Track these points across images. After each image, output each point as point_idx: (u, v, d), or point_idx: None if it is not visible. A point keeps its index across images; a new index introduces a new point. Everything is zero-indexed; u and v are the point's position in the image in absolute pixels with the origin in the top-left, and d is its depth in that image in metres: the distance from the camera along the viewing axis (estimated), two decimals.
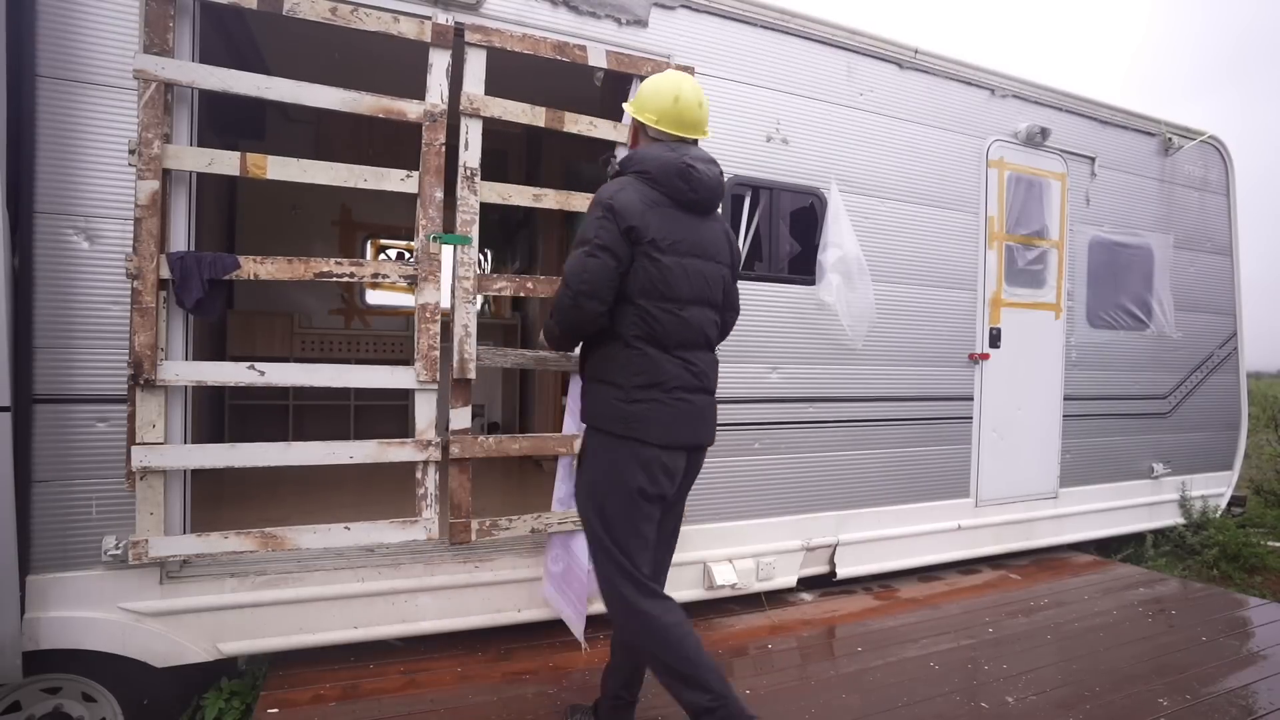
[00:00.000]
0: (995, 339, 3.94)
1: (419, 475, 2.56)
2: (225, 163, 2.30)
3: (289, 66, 2.85)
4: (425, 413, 2.55)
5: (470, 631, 2.77)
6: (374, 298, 6.11)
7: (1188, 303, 4.71)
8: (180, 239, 2.31)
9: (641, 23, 2.92)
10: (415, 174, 2.50)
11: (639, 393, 1.92)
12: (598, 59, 2.78)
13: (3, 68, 1.99)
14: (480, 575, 2.74)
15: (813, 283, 3.33)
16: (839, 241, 3.31)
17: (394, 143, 4.93)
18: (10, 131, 2.03)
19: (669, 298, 1.95)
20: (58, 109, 2.16)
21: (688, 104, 2.04)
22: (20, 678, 2.14)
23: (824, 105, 3.39)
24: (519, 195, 2.73)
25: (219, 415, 4.98)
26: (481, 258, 5.98)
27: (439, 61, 2.53)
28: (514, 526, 2.66)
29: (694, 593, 3.12)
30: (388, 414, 5.51)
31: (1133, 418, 4.52)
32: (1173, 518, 4.74)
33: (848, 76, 3.46)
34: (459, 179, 2.58)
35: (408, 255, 4.79)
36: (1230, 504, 5.04)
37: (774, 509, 3.30)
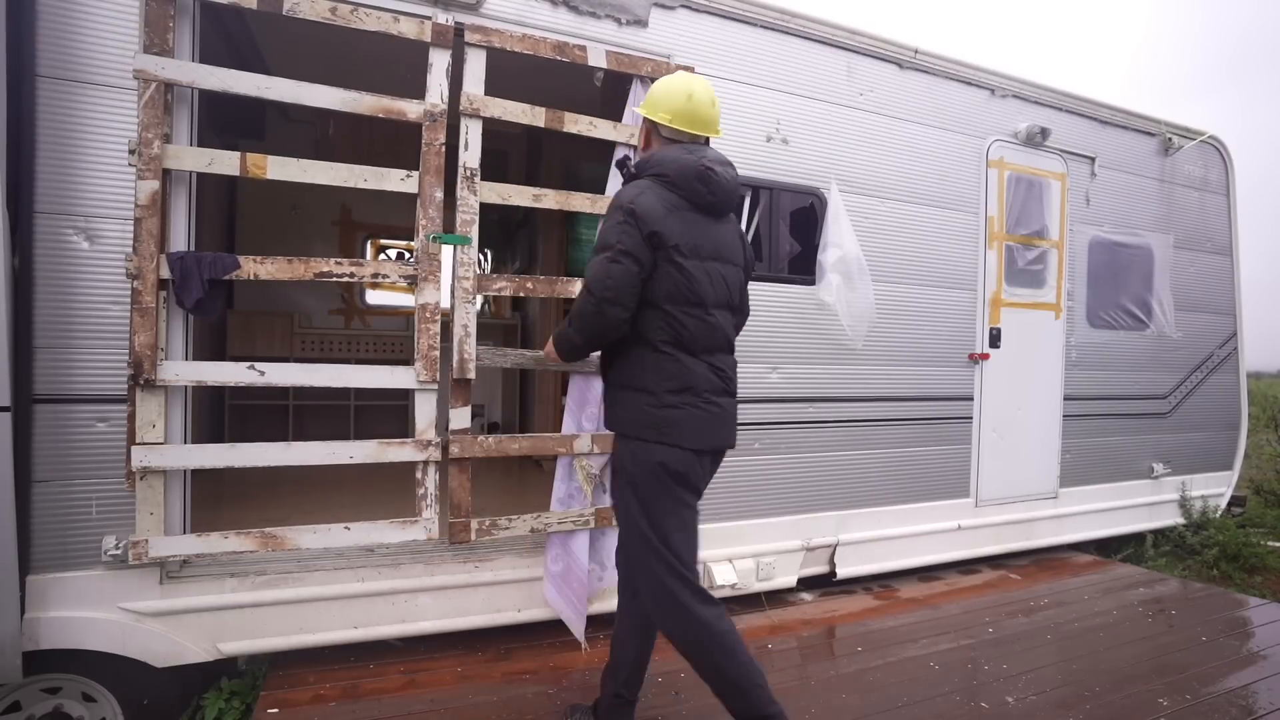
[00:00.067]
0: (995, 339, 3.94)
1: (419, 475, 2.56)
2: (225, 163, 2.30)
3: (289, 66, 2.85)
4: (425, 413, 2.56)
5: (470, 631, 2.77)
6: (374, 298, 6.11)
7: (1188, 303, 4.71)
8: (180, 239, 2.31)
9: (641, 23, 2.92)
10: (415, 174, 2.50)
11: (671, 397, 1.91)
12: (598, 59, 2.78)
13: (3, 68, 1.99)
14: (480, 575, 2.74)
15: (813, 283, 3.33)
16: (839, 241, 3.31)
17: (394, 141, 4.94)
18: (10, 131, 2.03)
19: (695, 302, 1.94)
20: (58, 109, 2.16)
21: (701, 102, 2.04)
22: (20, 678, 2.14)
23: (824, 105, 3.39)
24: (519, 195, 2.73)
25: (219, 415, 4.98)
26: (481, 258, 6.00)
27: (439, 61, 2.53)
28: (514, 526, 2.66)
29: None
30: (388, 414, 5.51)
31: (1133, 418, 4.53)
32: (1173, 518, 4.74)
33: (848, 76, 3.46)
34: (459, 179, 2.58)
35: (408, 255, 4.79)
36: (1230, 504, 5.04)
37: (774, 509, 3.30)
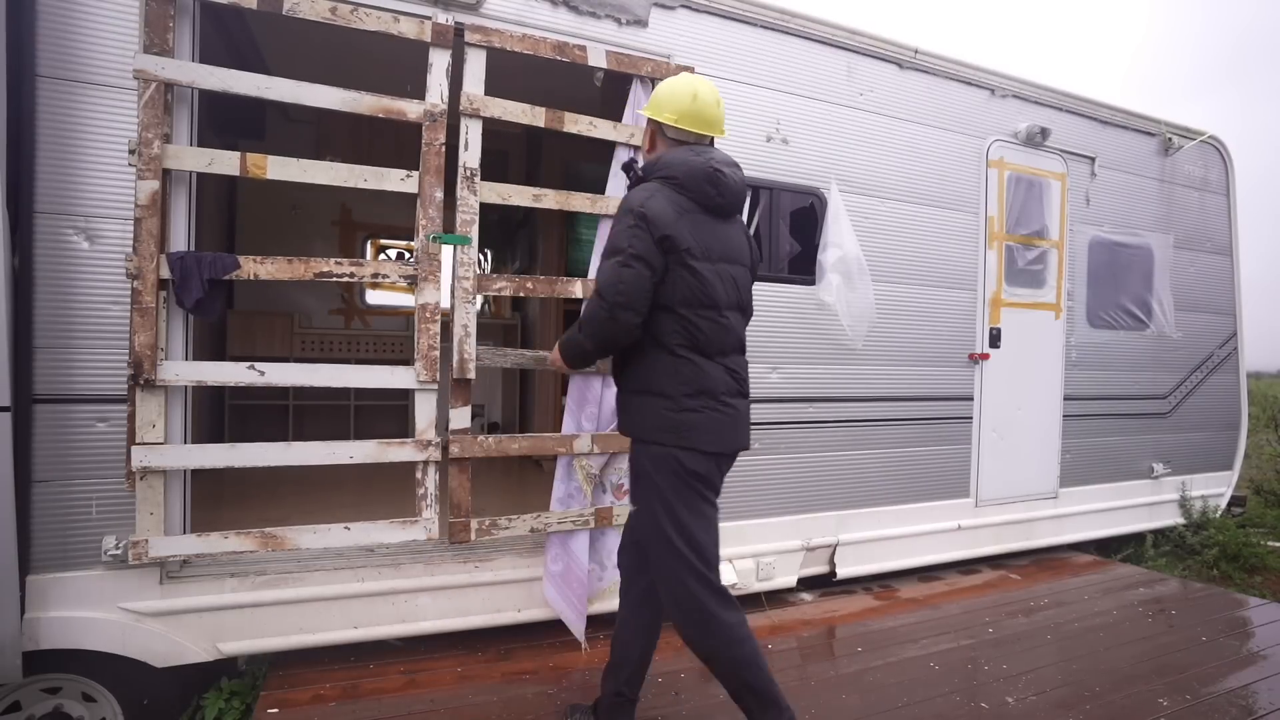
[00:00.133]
0: (995, 339, 3.94)
1: (419, 475, 2.56)
2: (225, 163, 2.30)
3: (289, 66, 2.85)
4: (425, 413, 2.56)
5: (470, 631, 2.77)
6: (374, 298, 6.10)
7: (1188, 303, 4.71)
8: (180, 239, 2.31)
9: (641, 23, 2.92)
10: (415, 174, 2.50)
11: (689, 401, 1.90)
12: (598, 59, 2.78)
13: (3, 68, 1.99)
14: (480, 575, 2.74)
15: (813, 283, 3.33)
16: (839, 241, 3.31)
17: (393, 142, 4.94)
18: (10, 131, 2.03)
19: (709, 305, 1.93)
20: (58, 109, 2.16)
21: (706, 102, 2.04)
22: (20, 678, 2.14)
23: (824, 105, 3.39)
24: (519, 195, 2.73)
25: (219, 415, 4.98)
26: (481, 258, 6.00)
27: (439, 61, 2.53)
28: (514, 526, 2.66)
29: None
30: (388, 414, 5.51)
31: (1133, 418, 4.53)
32: (1173, 518, 4.74)
33: (848, 76, 3.46)
34: (459, 179, 2.58)
35: (408, 255, 4.79)
36: (1230, 504, 5.04)
37: (774, 509, 3.30)
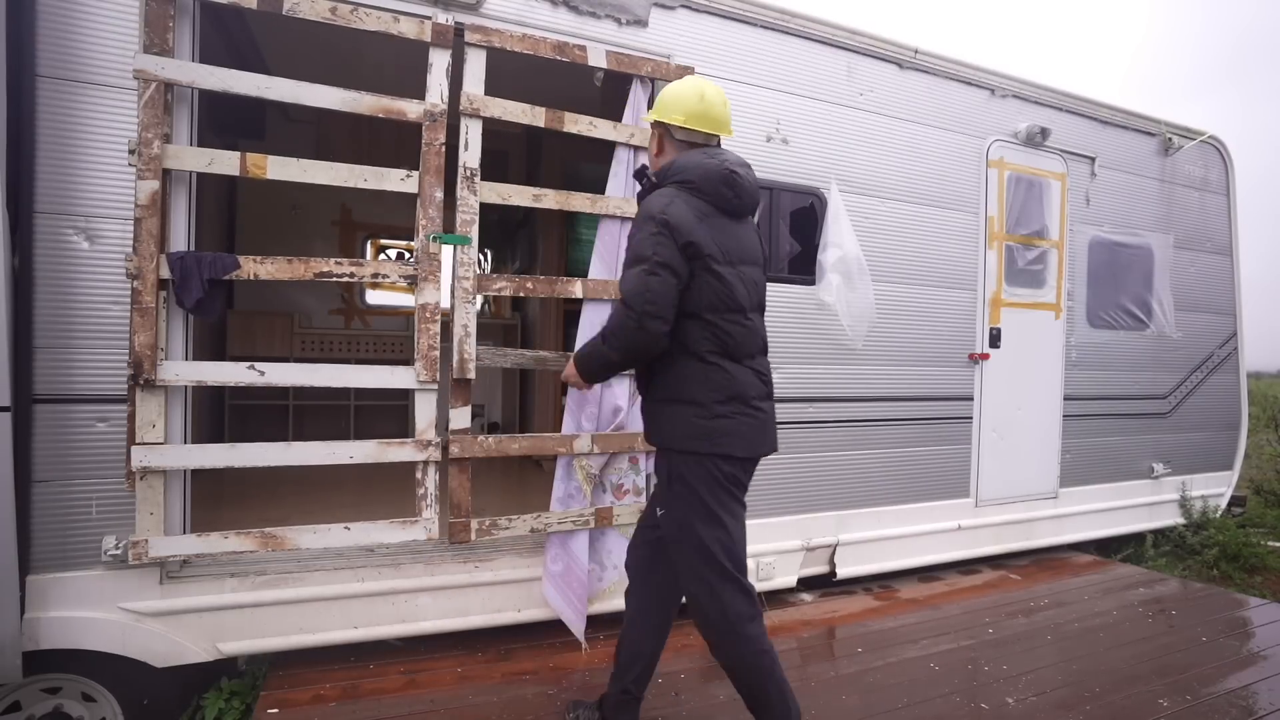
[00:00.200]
0: (995, 339, 3.94)
1: (419, 475, 2.56)
2: (225, 163, 2.30)
3: (289, 66, 2.85)
4: (425, 413, 2.55)
5: (470, 631, 2.77)
6: (374, 298, 6.10)
7: (1188, 303, 4.71)
8: (180, 239, 2.31)
9: (641, 23, 2.92)
10: (415, 174, 2.50)
11: (720, 407, 1.88)
12: (598, 59, 2.78)
13: (3, 68, 1.99)
14: (480, 575, 2.74)
15: (813, 283, 3.33)
16: (839, 241, 3.31)
17: (393, 141, 4.94)
18: (10, 131, 2.03)
19: (735, 308, 1.92)
20: (58, 109, 2.16)
21: (713, 102, 2.04)
22: (20, 678, 2.14)
23: (824, 105, 3.39)
24: (519, 195, 2.73)
25: (219, 415, 4.98)
26: (481, 258, 6.00)
27: (439, 61, 2.53)
28: (514, 526, 2.66)
29: None
30: (388, 414, 5.51)
31: (1133, 418, 4.52)
32: (1173, 518, 4.74)
33: (848, 76, 3.46)
34: (459, 179, 2.58)
35: (408, 255, 4.79)
36: (1230, 504, 5.04)
37: (774, 509, 3.29)
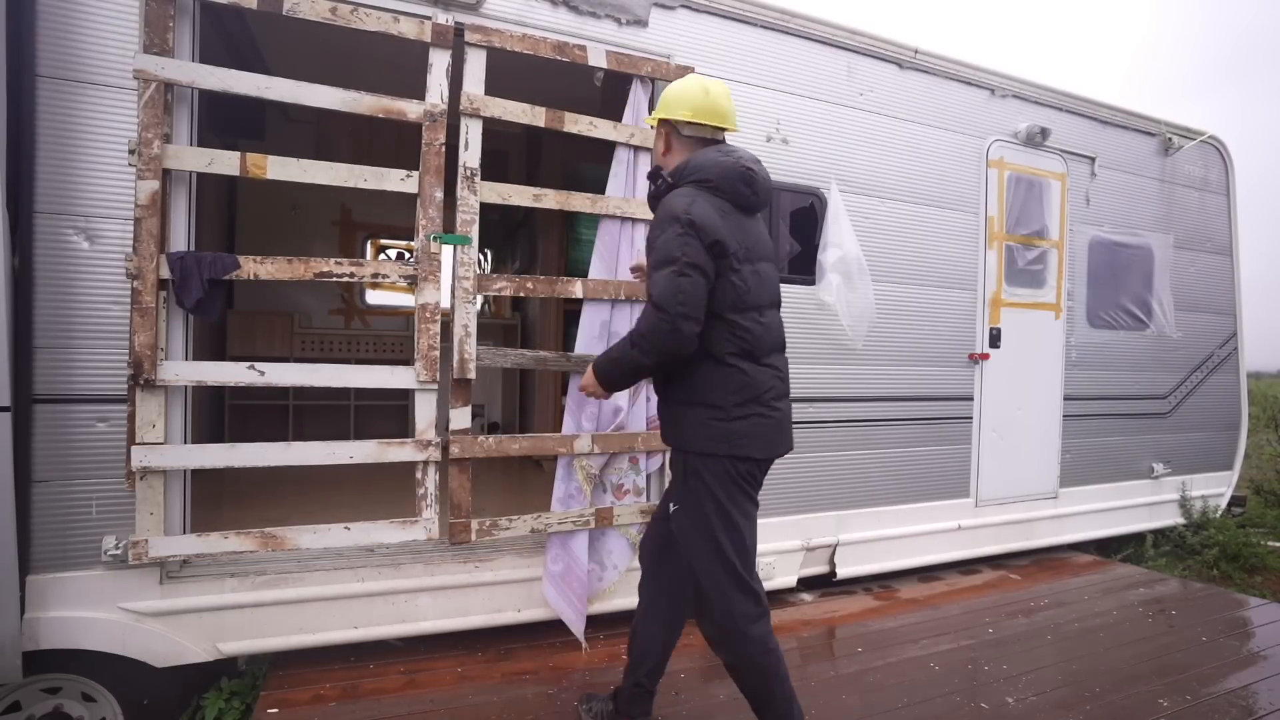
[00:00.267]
0: (995, 339, 3.94)
1: (419, 475, 2.56)
2: (225, 163, 2.30)
3: (289, 66, 2.85)
4: (425, 413, 2.55)
5: (470, 631, 2.77)
6: (374, 298, 6.10)
7: (1188, 303, 4.71)
8: (180, 239, 2.31)
9: (641, 23, 2.92)
10: (415, 174, 2.50)
11: (739, 410, 1.87)
12: (598, 59, 2.78)
13: (3, 68, 1.99)
14: (480, 575, 2.74)
15: (813, 283, 3.33)
16: (839, 241, 3.31)
17: (394, 141, 4.94)
18: (10, 131, 2.03)
19: (753, 306, 1.91)
20: (58, 109, 2.16)
21: (718, 96, 2.04)
22: (20, 678, 2.14)
23: (824, 105, 3.39)
24: (519, 195, 2.73)
25: (219, 415, 4.98)
26: (481, 258, 5.99)
27: (439, 61, 2.53)
28: (514, 526, 2.66)
29: None
30: (388, 414, 5.51)
31: (1133, 418, 4.52)
32: (1173, 518, 4.74)
33: (848, 76, 3.46)
34: (459, 179, 2.58)
35: (408, 255, 4.79)
36: (1230, 504, 5.04)
37: (774, 509, 3.29)
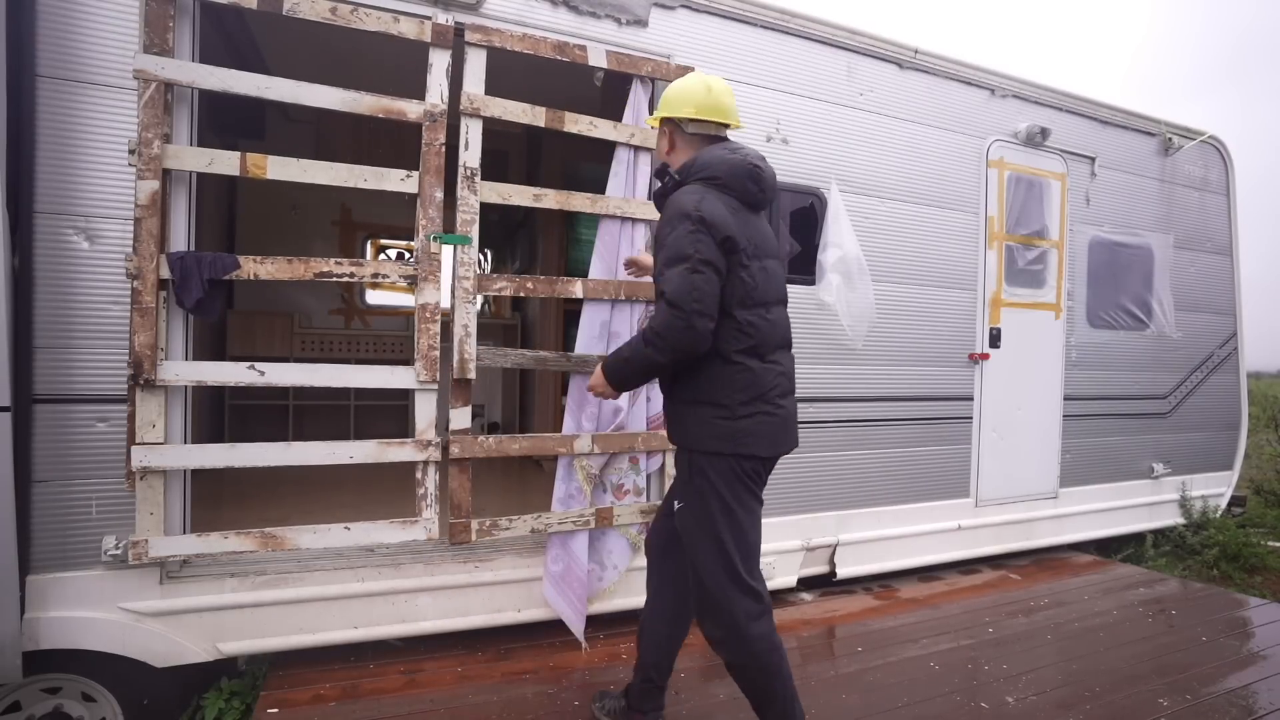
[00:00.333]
0: (995, 339, 3.94)
1: (419, 475, 2.56)
2: (225, 163, 2.30)
3: (289, 66, 2.85)
4: (425, 413, 2.55)
5: (470, 631, 2.77)
6: (374, 298, 6.11)
7: (1188, 303, 4.71)
8: (180, 239, 2.31)
9: (641, 23, 2.92)
10: (415, 174, 2.50)
11: (744, 408, 1.88)
12: (598, 59, 2.78)
13: (3, 68, 1.99)
14: (480, 575, 2.74)
15: (813, 283, 3.33)
16: (839, 241, 3.31)
17: (393, 140, 4.94)
18: (10, 131, 2.03)
19: (760, 303, 1.91)
20: (58, 109, 2.16)
21: (720, 92, 2.04)
22: (20, 678, 2.14)
23: (824, 105, 3.39)
24: (519, 195, 2.73)
25: (219, 415, 4.98)
26: (481, 258, 5.99)
27: (439, 61, 2.53)
28: (514, 526, 2.66)
29: None
30: (388, 414, 5.51)
31: (1133, 418, 4.52)
32: (1173, 518, 4.74)
33: (848, 76, 3.46)
34: (459, 179, 2.58)
35: (408, 255, 4.79)
36: (1230, 504, 5.04)
37: (774, 509, 3.28)
